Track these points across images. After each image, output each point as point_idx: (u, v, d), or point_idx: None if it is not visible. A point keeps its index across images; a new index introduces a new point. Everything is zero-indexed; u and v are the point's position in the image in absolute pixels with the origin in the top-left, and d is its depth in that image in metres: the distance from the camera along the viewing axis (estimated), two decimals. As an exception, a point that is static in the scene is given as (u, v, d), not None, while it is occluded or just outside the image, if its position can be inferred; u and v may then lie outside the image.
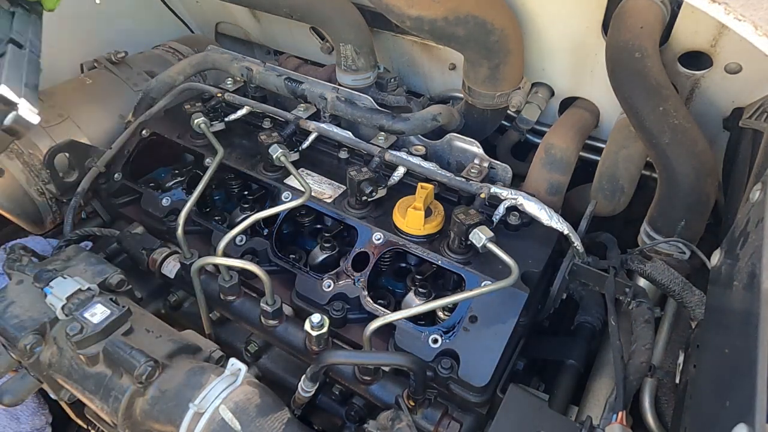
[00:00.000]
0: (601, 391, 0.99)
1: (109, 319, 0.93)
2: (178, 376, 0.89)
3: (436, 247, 1.01)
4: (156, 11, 1.87)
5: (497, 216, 1.02)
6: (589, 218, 1.06)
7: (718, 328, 0.74)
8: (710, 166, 0.99)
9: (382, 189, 1.08)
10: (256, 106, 1.28)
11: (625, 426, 0.78)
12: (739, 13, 0.82)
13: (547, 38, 1.22)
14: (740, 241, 0.73)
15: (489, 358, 0.88)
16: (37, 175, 1.31)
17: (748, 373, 0.53)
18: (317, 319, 0.91)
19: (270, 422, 0.82)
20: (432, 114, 1.19)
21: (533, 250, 1.00)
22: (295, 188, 1.13)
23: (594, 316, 1.08)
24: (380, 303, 0.99)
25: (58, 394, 1.06)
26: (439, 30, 1.13)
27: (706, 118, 1.15)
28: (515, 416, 0.82)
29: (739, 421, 0.50)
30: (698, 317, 0.92)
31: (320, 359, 0.85)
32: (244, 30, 1.87)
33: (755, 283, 0.60)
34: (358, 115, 1.20)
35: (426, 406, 0.92)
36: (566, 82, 1.31)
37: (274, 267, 1.07)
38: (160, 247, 1.17)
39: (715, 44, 1.01)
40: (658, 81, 0.96)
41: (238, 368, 0.86)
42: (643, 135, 1.01)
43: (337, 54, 1.38)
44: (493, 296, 0.92)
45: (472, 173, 1.10)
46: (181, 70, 1.42)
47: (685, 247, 1.06)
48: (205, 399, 0.82)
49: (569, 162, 1.20)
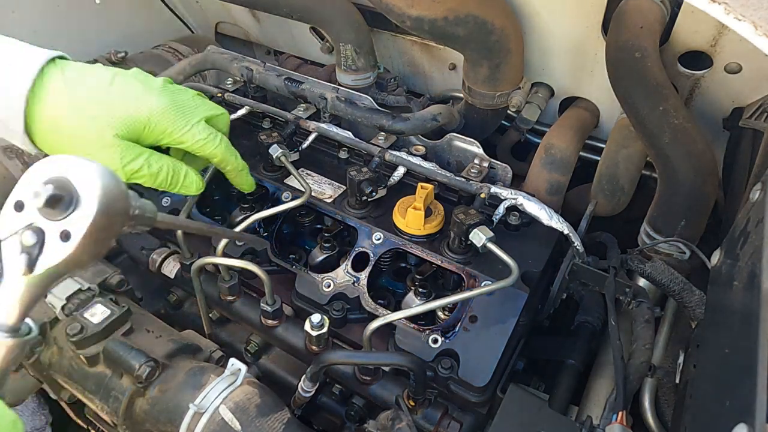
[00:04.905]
0: (601, 391, 0.99)
1: (109, 319, 0.93)
2: (178, 376, 0.89)
3: (436, 247, 1.01)
4: (156, 11, 1.87)
5: (497, 216, 1.02)
6: (589, 218, 1.06)
7: (718, 327, 0.74)
8: (710, 166, 0.99)
9: (382, 189, 1.08)
10: (256, 106, 1.28)
11: (625, 426, 0.78)
12: (739, 13, 0.82)
13: (547, 38, 1.22)
14: (740, 241, 0.73)
15: (489, 358, 0.88)
16: (37, 175, 1.31)
17: (748, 373, 0.53)
18: (317, 319, 0.91)
19: (270, 422, 0.82)
20: (432, 114, 1.19)
21: (533, 250, 1.00)
22: (295, 188, 1.13)
23: (594, 316, 1.08)
24: (380, 303, 0.99)
25: (58, 394, 1.07)
26: (439, 30, 1.13)
27: (706, 118, 1.15)
28: (515, 416, 0.82)
29: (739, 421, 0.50)
30: (698, 317, 0.92)
31: (320, 359, 0.85)
32: (244, 30, 1.87)
33: (755, 283, 0.60)
34: (358, 115, 1.20)
35: (426, 406, 0.92)
36: (566, 82, 1.31)
37: (274, 267, 1.07)
38: (160, 247, 1.17)
39: (715, 44, 1.01)
40: (658, 81, 0.96)
41: (238, 368, 0.86)
42: (643, 135, 1.01)
43: (337, 54, 1.38)
44: (493, 296, 0.92)
45: (472, 173, 1.10)
46: (180, 70, 1.42)
47: (685, 247, 1.06)
48: (205, 399, 0.83)
49: (569, 162, 1.20)
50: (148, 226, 0.61)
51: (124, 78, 0.87)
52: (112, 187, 0.53)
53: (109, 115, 0.83)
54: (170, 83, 0.92)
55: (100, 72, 0.86)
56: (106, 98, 0.83)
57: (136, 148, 0.86)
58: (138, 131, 0.85)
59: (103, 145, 0.83)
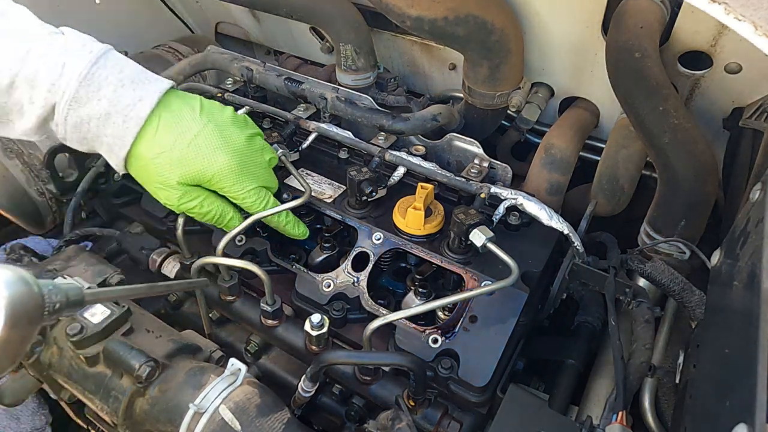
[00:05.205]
0: (601, 391, 0.99)
1: (109, 319, 0.93)
2: (178, 376, 0.89)
3: (436, 247, 1.01)
4: (156, 11, 1.87)
5: (497, 216, 1.02)
6: (589, 218, 1.06)
7: (718, 328, 0.74)
8: (710, 166, 0.99)
9: (382, 189, 1.08)
10: (256, 106, 1.28)
11: (625, 426, 0.78)
12: (739, 13, 0.82)
13: (547, 38, 1.22)
14: (740, 241, 0.73)
15: (489, 358, 0.88)
16: (37, 175, 1.31)
17: (748, 373, 0.53)
18: (317, 319, 0.91)
19: (270, 422, 0.82)
20: (432, 114, 1.19)
21: (533, 250, 1.00)
22: (295, 188, 1.13)
23: (594, 316, 1.08)
24: (380, 303, 0.99)
25: (58, 394, 1.07)
26: (439, 30, 1.13)
27: (706, 118, 1.15)
28: (515, 416, 0.82)
29: (739, 421, 0.50)
30: (698, 317, 0.92)
31: (320, 359, 0.85)
32: (244, 30, 1.87)
33: (755, 283, 0.60)
34: (358, 115, 1.20)
35: (426, 406, 0.92)
36: (566, 82, 1.31)
37: (274, 267, 1.07)
38: (160, 247, 1.17)
39: (715, 44, 1.01)
40: (658, 81, 0.96)
41: (238, 368, 0.86)
42: (643, 135, 1.01)
43: (337, 54, 1.38)
44: (493, 296, 0.92)
45: (472, 173, 1.10)
46: (180, 70, 1.42)
47: (685, 247, 1.06)
48: (205, 399, 0.82)
49: (569, 162, 1.20)
50: (77, 308, 0.61)
51: (208, 133, 0.95)
52: (21, 296, 0.52)
53: (180, 167, 0.93)
54: (253, 137, 1.02)
55: (190, 124, 0.94)
56: (183, 153, 0.93)
57: (195, 191, 0.97)
58: (201, 182, 0.97)
59: (166, 186, 0.95)
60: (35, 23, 0.90)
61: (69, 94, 0.87)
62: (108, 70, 0.89)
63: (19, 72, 0.85)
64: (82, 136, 0.92)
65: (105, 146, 0.93)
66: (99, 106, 0.88)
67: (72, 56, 0.87)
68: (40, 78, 0.86)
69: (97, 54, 0.89)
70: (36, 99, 0.87)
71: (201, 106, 0.97)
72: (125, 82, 0.90)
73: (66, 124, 0.89)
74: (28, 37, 0.86)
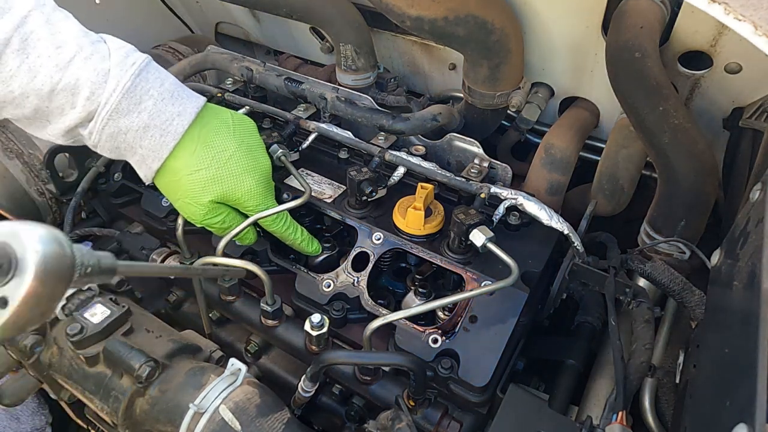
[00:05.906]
0: (601, 391, 0.99)
1: (109, 319, 0.93)
2: (178, 376, 0.89)
3: (436, 247, 1.01)
4: (156, 11, 1.87)
5: (497, 216, 1.02)
6: (589, 218, 1.06)
7: (718, 328, 0.74)
8: (710, 166, 0.99)
9: (382, 189, 1.08)
10: (256, 106, 1.28)
11: (625, 426, 0.78)
12: (739, 13, 0.82)
13: (547, 38, 1.22)
14: (740, 241, 0.73)
15: (489, 358, 0.88)
16: (37, 175, 1.31)
17: (748, 373, 0.53)
18: (317, 319, 0.91)
19: (270, 422, 0.82)
20: (432, 114, 1.19)
21: (533, 250, 1.00)
22: (296, 188, 1.13)
23: (594, 316, 1.08)
24: (380, 303, 0.99)
25: (58, 394, 1.07)
26: (439, 30, 1.13)
27: (706, 118, 1.15)
28: (515, 416, 0.82)
29: (739, 421, 0.50)
30: (698, 317, 0.92)
31: (320, 359, 0.85)
32: (244, 30, 1.87)
33: (755, 283, 0.60)
34: (358, 115, 1.20)
35: (426, 406, 0.92)
36: (566, 82, 1.31)
37: (274, 267, 1.07)
38: (160, 247, 1.17)
39: (715, 44, 1.01)
40: (658, 81, 0.96)
41: (238, 368, 0.86)
42: (643, 135, 1.01)
43: (337, 54, 1.38)
44: (493, 296, 0.92)
45: (472, 173, 1.10)
46: (180, 70, 1.42)
47: (685, 247, 1.06)
48: (205, 399, 0.82)
49: (569, 162, 1.20)
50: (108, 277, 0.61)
51: (242, 155, 0.98)
52: (53, 254, 0.52)
53: (213, 186, 0.95)
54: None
55: (226, 143, 0.96)
56: (218, 172, 0.95)
57: (220, 208, 0.99)
58: (228, 201, 0.99)
59: (196, 203, 0.96)
60: (78, 31, 0.89)
61: (111, 105, 0.86)
62: (150, 83, 0.90)
63: (60, 79, 0.84)
64: (116, 145, 0.91)
65: (137, 157, 0.93)
66: (139, 119, 0.89)
67: (115, 66, 0.87)
68: (81, 85, 0.85)
69: (140, 65, 0.89)
70: (77, 105, 0.86)
71: (233, 122, 1.00)
72: (165, 96, 0.90)
73: (102, 133, 0.89)
74: (72, 45, 0.86)
